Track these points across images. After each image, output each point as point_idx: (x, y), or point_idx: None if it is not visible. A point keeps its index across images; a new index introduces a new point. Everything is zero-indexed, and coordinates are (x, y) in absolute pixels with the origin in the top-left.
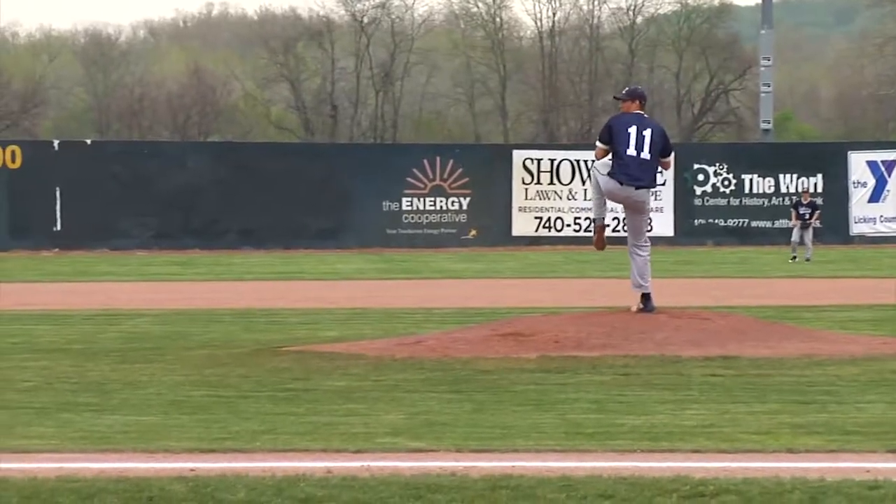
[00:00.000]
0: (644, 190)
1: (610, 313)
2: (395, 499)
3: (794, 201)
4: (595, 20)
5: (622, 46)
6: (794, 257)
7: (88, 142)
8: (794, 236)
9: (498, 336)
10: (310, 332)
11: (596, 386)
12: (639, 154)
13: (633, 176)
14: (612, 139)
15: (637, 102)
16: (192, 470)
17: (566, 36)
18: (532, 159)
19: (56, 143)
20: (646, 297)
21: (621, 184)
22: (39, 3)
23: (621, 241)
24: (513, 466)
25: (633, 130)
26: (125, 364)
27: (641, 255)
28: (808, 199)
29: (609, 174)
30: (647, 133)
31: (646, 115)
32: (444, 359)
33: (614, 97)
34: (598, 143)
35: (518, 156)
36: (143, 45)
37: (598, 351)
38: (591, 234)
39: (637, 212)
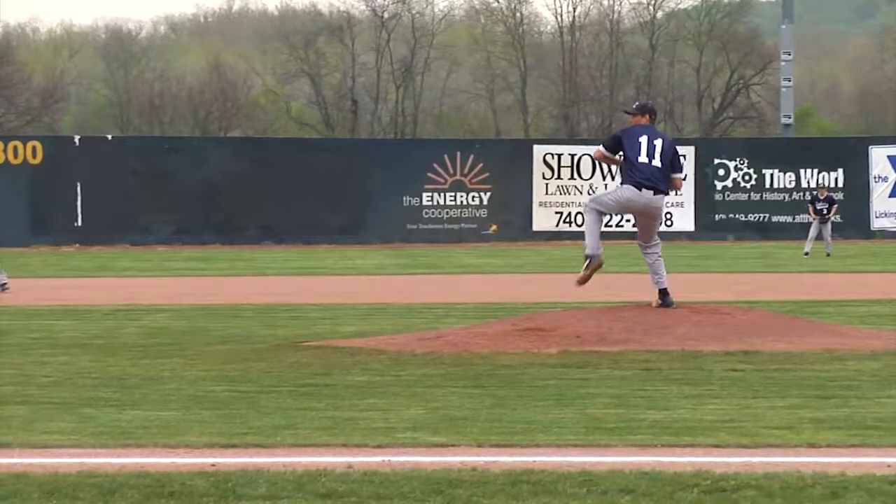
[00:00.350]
0: (661, 196)
1: (631, 308)
2: (415, 493)
3: (810, 197)
4: (615, 15)
5: (643, 41)
6: (807, 253)
7: (109, 137)
8: (812, 231)
9: (518, 331)
10: (330, 327)
11: (617, 381)
12: (650, 161)
13: (650, 180)
14: (624, 149)
15: (647, 117)
16: (213, 465)
17: (586, 31)
18: (552, 154)
19: (77, 138)
20: (663, 293)
21: (640, 189)
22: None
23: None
24: (533, 461)
25: (644, 140)
26: (146, 359)
27: (653, 255)
28: (825, 194)
29: (623, 183)
30: (658, 143)
31: (656, 128)
32: (464, 354)
33: (624, 111)
34: (600, 147)
35: (538, 151)
36: (163, 40)
37: (619, 346)
38: (585, 268)
39: (651, 218)
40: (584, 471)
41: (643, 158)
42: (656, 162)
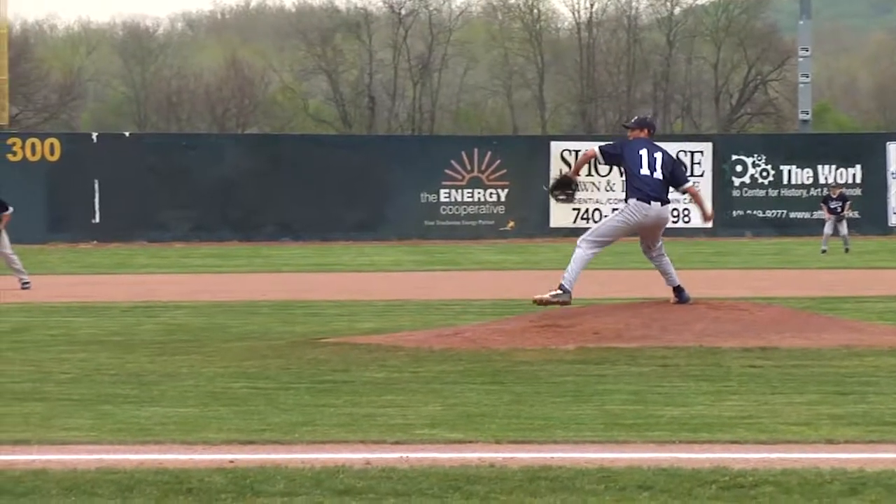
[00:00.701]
0: (667, 206)
1: (648, 304)
2: (433, 490)
3: (823, 197)
4: (633, 11)
5: (660, 38)
6: (825, 250)
7: (127, 134)
8: (827, 229)
9: (536, 327)
10: (348, 323)
11: (635, 377)
12: (652, 174)
13: (655, 191)
14: (625, 162)
15: (645, 131)
16: (231, 461)
17: (604, 27)
18: (570, 150)
19: (94, 135)
20: (678, 290)
21: (649, 202)
22: None
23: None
24: (551, 458)
25: (644, 153)
26: (164, 356)
27: (659, 258)
28: (838, 192)
29: (629, 198)
30: (658, 156)
31: (654, 142)
32: (482, 350)
33: (623, 125)
34: (596, 148)
35: (556, 147)
36: (181, 37)
37: (637, 342)
38: (553, 296)
39: (660, 228)
40: (603, 467)
41: (645, 171)
42: (658, 174)
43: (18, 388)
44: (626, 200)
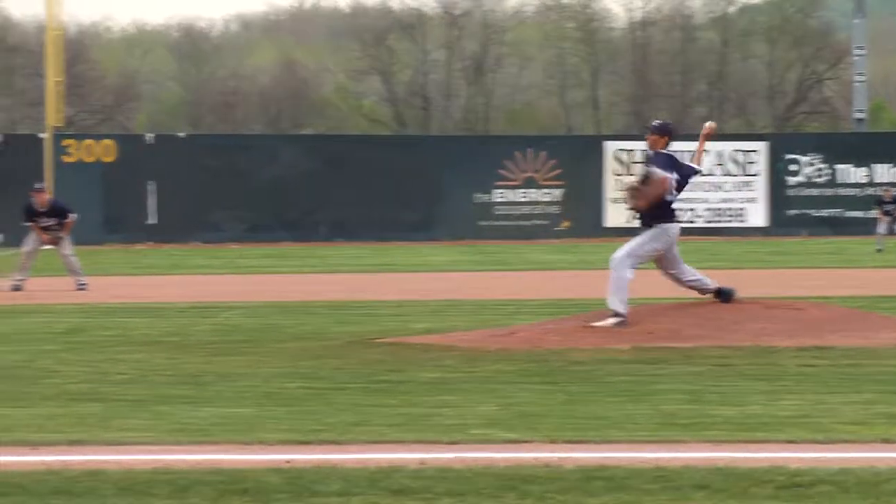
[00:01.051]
0: None
1: (703, 304)
2: (489, 490)
3: (876, 198)
4: (687, 10)
5: (714, 37)
6: (880, 249)
7: (182, 135)
8: (880, 228)
9: (590, 327)
10: (402, 323)
11: (690, 377)
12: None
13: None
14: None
15: (665, 138)
16: (287, 462)
17: (658, 26)
18: (624, 150)
19: (150, 136)
20: (720, 292)
21: (678, 225)
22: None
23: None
24: (606, 457)
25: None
26: (220, 356)
27: (692, 281)
28: (890, 195)
29: (665, 222)
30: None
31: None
32: (536, 350)
33: (645, 127)
34: (669, 179)
35: (610, 147)
36: (235, 38)
37: (692, 341)
38: (616, 325)
39: (675, 244)
40: (658, 467)
41: (676, 195)
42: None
43: (75, 388)
44: (659, 223)
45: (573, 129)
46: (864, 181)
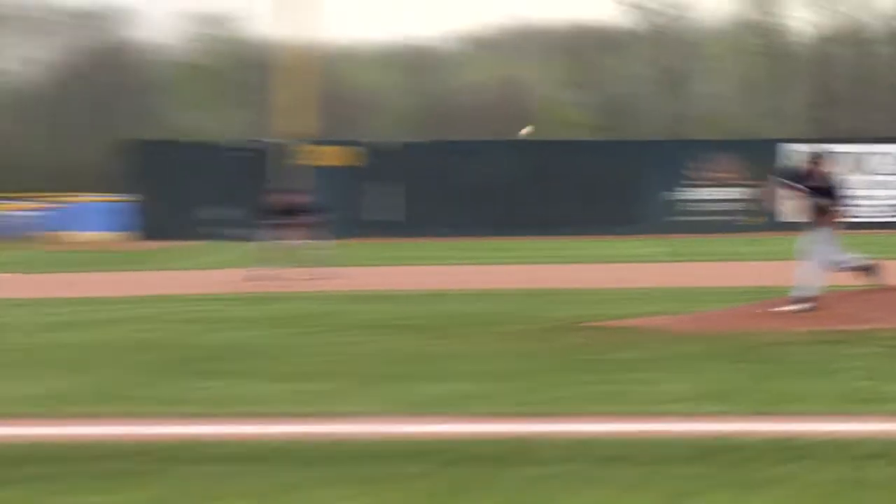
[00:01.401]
0: None
1: (879, 291)
2: (687, 457)
3: None
4: (866, 26)
5: (893, 50)
6: None
7: (425, 142)
8: None
9: (774, 312)
10: (604, 309)
11: (867, 357)
12: None
13: None
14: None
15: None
16: (508, 432)
17: (839, 42)
18: (801, 153)
19: (397, 143)
20: (865, 269)
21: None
22: (368, 20)
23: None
24: (792, 429)
25: None
26: (445, 339)
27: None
28: None
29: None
30: None
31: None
32: (725, 333)
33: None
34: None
35: (789, 149)
36: (457, 56)
37: (870, 324)
38: (799, 311)
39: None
40: (838, 437)
41: None
42: None
43: (312, 369)
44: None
45: (758, 134)
46: None
